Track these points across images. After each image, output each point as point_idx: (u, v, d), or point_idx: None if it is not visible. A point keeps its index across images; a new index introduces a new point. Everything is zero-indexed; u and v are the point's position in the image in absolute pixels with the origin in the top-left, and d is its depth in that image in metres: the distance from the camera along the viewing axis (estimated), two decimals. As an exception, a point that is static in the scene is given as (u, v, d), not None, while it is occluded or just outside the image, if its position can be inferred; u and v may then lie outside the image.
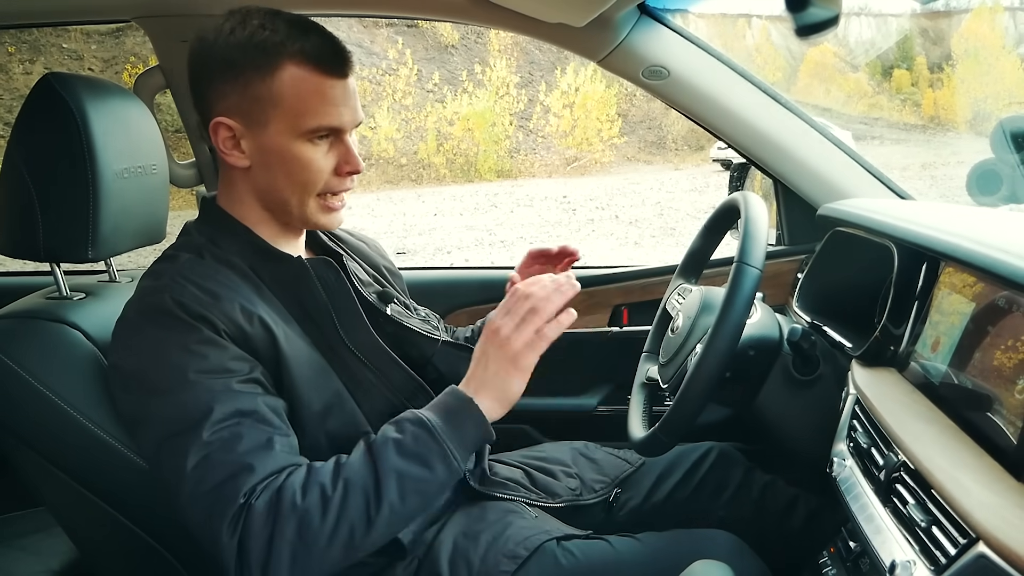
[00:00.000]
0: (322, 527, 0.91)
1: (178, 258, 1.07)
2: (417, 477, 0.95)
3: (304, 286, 1.12)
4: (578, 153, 18.60)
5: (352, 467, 0.95)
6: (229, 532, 0.90)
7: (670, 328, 1.37)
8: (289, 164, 1.07)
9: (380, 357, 1.15)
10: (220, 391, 0.95)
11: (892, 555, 0.85)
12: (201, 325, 0.97)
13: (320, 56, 1.04)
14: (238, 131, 1.06)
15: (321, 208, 1.11)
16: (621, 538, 1.18)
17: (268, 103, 1.04)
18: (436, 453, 0.96)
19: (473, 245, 10.63)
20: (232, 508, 0.90)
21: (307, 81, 1.03)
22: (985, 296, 0.96)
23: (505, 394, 1.01)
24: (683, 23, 1.64)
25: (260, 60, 1.02)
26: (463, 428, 0.99)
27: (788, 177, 1.72)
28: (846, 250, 1.46)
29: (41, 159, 1.13)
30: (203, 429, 0.92)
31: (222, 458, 0.92)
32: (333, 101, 1.05)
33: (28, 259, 1.17)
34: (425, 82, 19.05)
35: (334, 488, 0.93)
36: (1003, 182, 2.03)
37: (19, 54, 16.49)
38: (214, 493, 0.91)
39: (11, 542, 1.59)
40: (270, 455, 0.95)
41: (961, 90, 19.80)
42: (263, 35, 1.03)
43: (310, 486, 0.92)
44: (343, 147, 1.10)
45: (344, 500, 0.92)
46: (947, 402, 0.98)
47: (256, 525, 0.89)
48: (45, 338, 1.11)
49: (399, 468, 0.94)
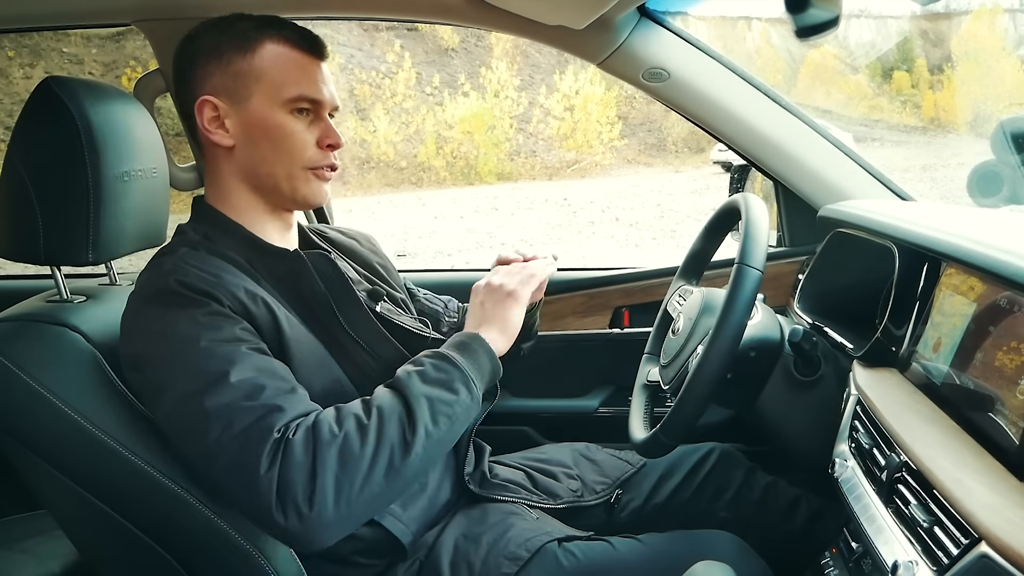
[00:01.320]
0: (363, 451, 0.91)
1: (176, 251, 1.08)
2: (444, 400, 0.98)
3: (302, 279, 1.14)
4: (578, 156, 18.60)
5: (381, 398, 0.98)
6: (267, 465, 0.89)
7: (671, 329, 1.37)
8: (273, 135, 1.11)
9: (379, 342, 1.17)
10: (234, 354, 0.96)
11: (894, 555, 0.85)
12: (207, 300, 0.99)
13: (298, 36, 1.13)
14: (222, 109, 1.11)
15: (309, 177, 1.15)
16: (622, 539, 1.18)
17: (250, 77, 1.10)
18: (458, 378, 1.01)
19: (474, 247, 10.63)
20: (267, 443, 0.90)
21: (287, 55, 1.11)
22: (986, 297, 0.96)
23: (506, 324, 1.11)
24: (683, 25, 1.64)
25: (241, 41, 1.11)
26: (476, 357, 1.05)
27: (788, 179, 1.72)
28: (847, 251, 1.46)
29: (41, 162, 1.13)
30: (225, 385, 0.93)
31: (249, 404, 0.93)
32: (311, 75, 1.13)
33: (28, 262, 1.17)
34: (425, 85, 19.06)
35: (368, 416, 0.95)
36: (1004, 183, 2.03)
37: (19, 58, 16.51)
38: (245, 434, 0.91)
39: (12, 545, 1.59)
40: (296, 398, 0.97)
41: (961, 92, 19.80)
42: (243, 23, 1.12)
43: (344, 417, 0.95)
44: (323, 123, 1.15)
45: (380, 425, 0.94)
46: (949, 402, 0.98)
47: (297, 456, 0.89)
48: (46, 341, 1.11)
49: (427, 393, 0.98)
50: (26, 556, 1.55)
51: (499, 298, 1.13)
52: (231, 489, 0.93)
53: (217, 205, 1.16)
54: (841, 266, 1.48)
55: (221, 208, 1.15)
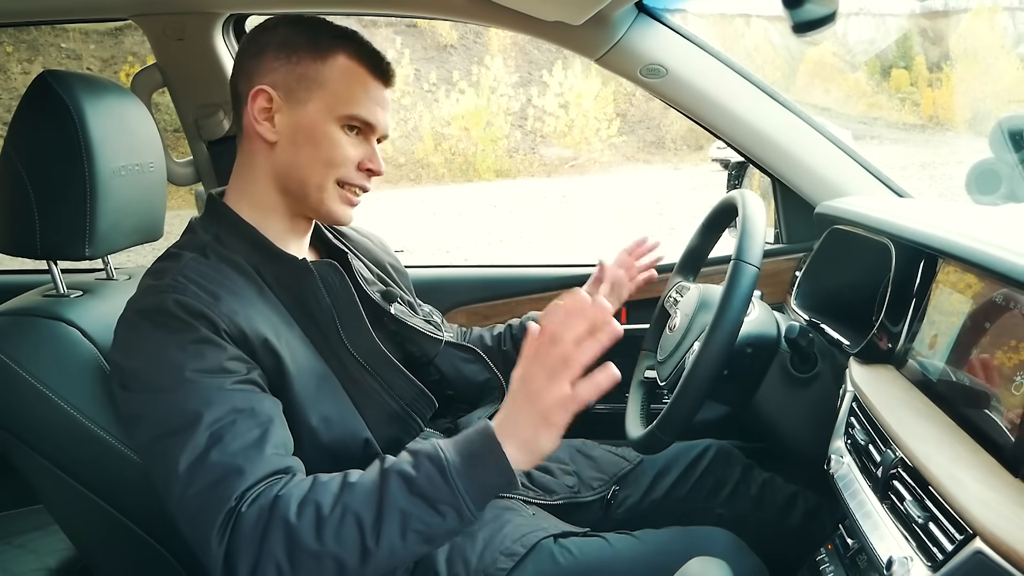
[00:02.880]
0: (313, 548, 0.85)
1: (182, 257, 1.06)
2: (423, 520, 0.87)
3: (307, 289, 1.11)
4: (577, 152, 18.59)
5: (357, 493, 0.89)
6: (218, 538, 0.86)
7: (668, 326, 1.38)
8: (319, 142, 1.10)
9: (382, 362, 1.14)
10: (216, 390, 0.94)
11: (889, 551, 0.85)
12: (200, 324, 0.96)
13: (373, 58, 1.12)
14: (276, 104, 1.09)
15: (339, 197, 1.13)
16: (618, 535, 1.18)
17: (314, 82, 1.09)
18: (447, 500, 0.87)
19: (472, 244, 10.63)
20: (221, 513, 0.87)
21: (357, 73, 1.11)
22: (983, 293, 0.96)
23: (532, 449, 0.89)
24: (681, 22, 1.64)
25: (318, 44, 1.10)
26: (484, 473, 0.88)
27: (786, 175, 1.72)
28: (844, 248, 1.46)
29: (38, 157, 1.13)
30: (196, 429, 0.91)
31: (214, 459, 0.90)
32: (375, 99, 1.12)
33: (25, 257, 1.17)
34: (423, 82, 19.03)
35: (332, 511, 0.87)
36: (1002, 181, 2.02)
37: (17, 53, 16.48)
38: (203, 496, 0.89)
39: (9, 540, 1.59)
40: (261, 457, 0.91)
41: (960, 90, 19.80)
42: (327, 27, 1.12)
43: (306, 504, 0.87)
44: (369, 147, 1.14)
45: (340, 527, 0.86)
46: (944, 399, 0.98)
47: (246, 533, 0.86)
48: (42, 336, 1.11)
49: (404, 508, 0.87)
50: (23, 551, 1.55)
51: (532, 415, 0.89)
52: (190, 537, 0.92)
53: (235, 204, 1.13)
54: (838, 263, 1.48)
55: (238, 207, 1.12)
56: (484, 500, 0.90)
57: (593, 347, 0.89)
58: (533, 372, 0.90)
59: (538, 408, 0.88)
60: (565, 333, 0.89)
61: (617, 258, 1.57)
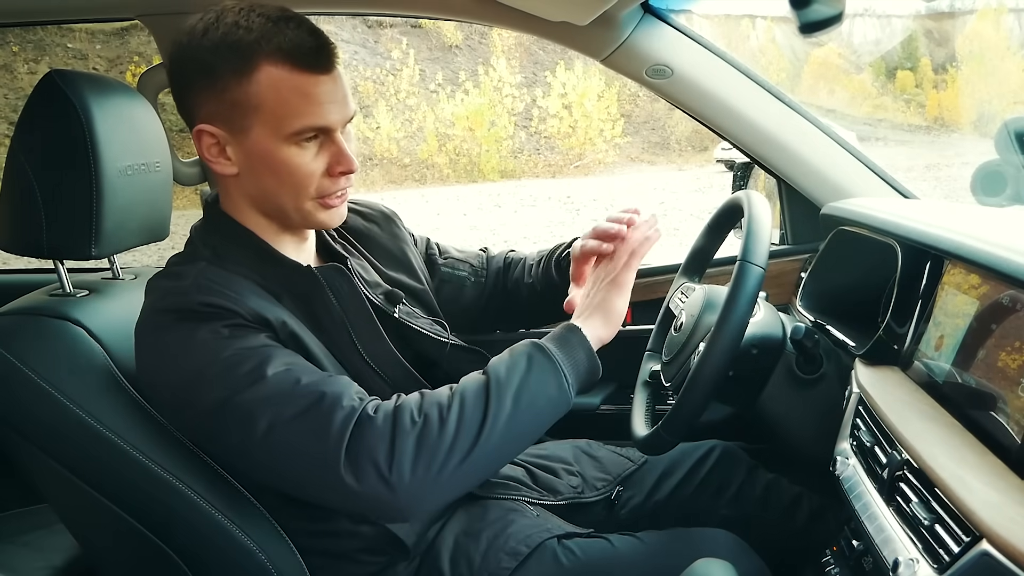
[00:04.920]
0: (439, 436, 0.92)
1: (197, 263, 1.05)
2: (533, 391, 0.98)
3: (317, 298, 1.10)
4: (581, 153, 18.59)
5: (466, 387, 0.98)
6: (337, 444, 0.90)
7: (673, 326, 1.37)
8: (277, 169, 1.02)
9: (395, 368, 1.14)
10: (265, 354, 0.95)
11: (895, 553, 0.85)
12: (229, 315, 0.97)
13: (298, 52, 0.98)
14: (222, 138, 1.03)
15: (319, 207, 1.07)
16: (621, 536, 1.18)
17: (248, 108, 0.99)
18: (550, 372, 1.00)
19: (477, 245, 10.63)
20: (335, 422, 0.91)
21: (286, 80, 0.98)
22: (989, 295, 0.96)
23: (609, 314, 1.09)
24: (687, 23, 1.64)
25: (235, 62, 0.98)
26: (573, 352, 1.03)
27: (792, 176, 1.72)
28: (850, 249, 1.45)
29: (44, 156, 1.13)
30: (261, 380, 0.92)
31: (297, 390, 0.93)
32: (317, 99, 1.00)
33: (31, 256, 1.18)
34: (428, 82, 19.05)
35: (450, 405, 0.95)
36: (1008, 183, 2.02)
37: (24, 53, 16.54)
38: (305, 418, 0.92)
39: (14, 538, 1.59)
40: (339, 383, 0.97)
41: (965, 91, 19.76)
42: (237, 34, 0.98)
43: (425, 404, 0.95)
44: (334, 146, 1.04)
45: (461, 414, 0.94)
46: (951, 401, 0.98)
47: (375, 433, 0.91)
48: (48, 335, 1.11)
49: (515, 382, 0.97)
50: (28, 549, 1.56)
51: (600, 286, 1.12)
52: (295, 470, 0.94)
53: (230, 211, 1.11)
54: (844, 264, 1.48)
55: (234, 214, 1.10)
56: (578, 379, 1.03)
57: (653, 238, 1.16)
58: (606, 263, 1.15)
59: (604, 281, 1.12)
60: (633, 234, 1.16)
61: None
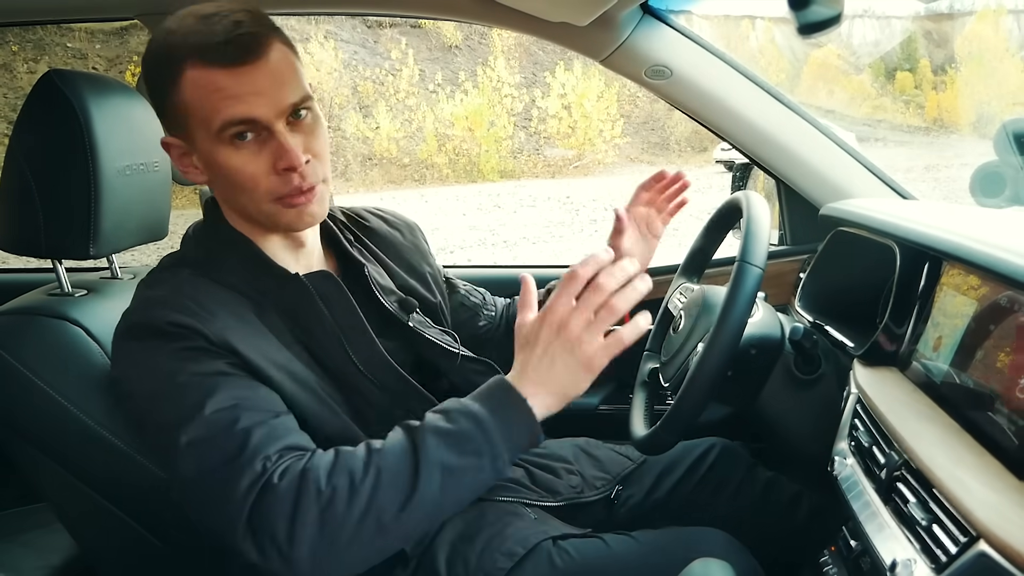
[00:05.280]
0: (348, 512, 0.86)
1: (179, 272, 1.04)
2: (462, 470, 0.89)
3: (307, 307, 1.07)
4: (581, 153, 18.59)
5: (388, 455, 0.89)
6: (239, 510, 0.86)
7: (672, 327, 1.37)
8: (223, 172, 0.99)
9: (391, 376, 1.12)
10: (215, 384, 0.93)
11: (893, 554, 0.85)
12: (192, 335, 0.95)
13: (208, 47, 0.94)
14: (184, 147, 1.02)
15: (281, 208, 1.02)
16: (616, 536, 1.18)
17: (183, 114, 0.98)
18: (485, 450, 0.90)
19: (476, 245, 10.63)
20: (241, 483, 0.86)
21: (204, 78, 0.95)
22: (987, 296, 0.96)
23: (567, 392, 0.93)
24: (687, 24, 1.64)
25: (167, 71, 0.96)
26: (513, 427, 0.91)
27: (791, 177, 1.72)
28: (848, 250, 1.46)
29: (43, 155, 1.13)
30: (200, 417, 0.90)
31: (224, 439, 0.89)
32: (234, 93, 0.95)
33: (30, 255, 1.18)
34: (428, 82, 19.05)
35: (365, 474, 0.88)
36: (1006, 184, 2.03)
37: (23, 53, 16.52)
38: (219, 472, 0.88)
39: (12, 537, 1.59)
40: (274, 433, 0.92)
41: (965, 92, 19.76)
42: (167, 41, 0.97)
43: (337, 471, 0.88)
44: (274, 142, 0.98)
45: (375, 488, 0.87)
46: (949, 401, 0.98)
47: (277, 504, 0.86)
48: (46, 334, 1.12)
49: (443, 460, 0.88)
50: (26, 549, 1.56)
51: (571, 362, 0.92)
52: (207, 520, 0.91)
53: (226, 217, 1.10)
54: (842, 265, 1.48)
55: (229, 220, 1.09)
56: (516, 453, 0.93)
57: (633, 295, 0.93)
58: (573, 317, 0.92)
59: (580, 356, 0.91)
60: (608, 282, 0.92)
61: (635, 197, 1.49)
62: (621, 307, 0.92)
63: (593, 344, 0.91)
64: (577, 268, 0.93)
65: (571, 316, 0.92)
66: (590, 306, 0.92)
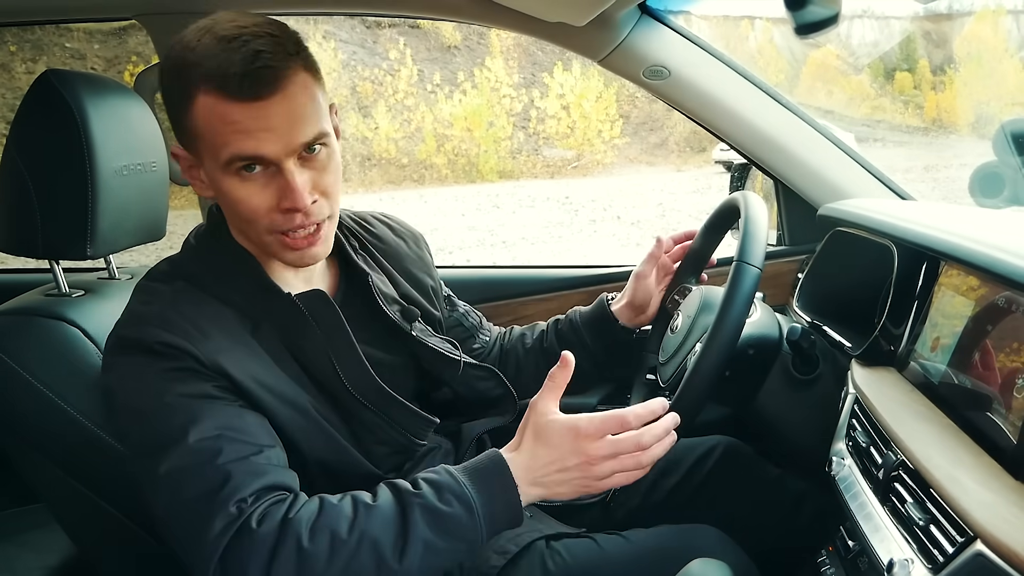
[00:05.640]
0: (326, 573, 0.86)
1: (175, 284, 1.03)
2: (444, 552, 0.90)
3: (299, 327, 1.06)
4: (579, 154, 18.58)
5: (375, 520, 0.89)
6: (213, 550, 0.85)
7: (670, 327, 1.37)
8: (225, 198, 0.99)
9: (380, 397, 1.11)
10: (201, 409, 0.92)
11: (890, 553, 0.85)
12: (182, 356, 0.95)
13: (224, 78, 0.91)
14: (192, 161, 1.01)
15: (282, 245, 1.01)
16: (608, 536, 1.18)
17: (193, 135, 0.96)
18: (469, 537, 0.91)
19: (475, 245, 10.63)
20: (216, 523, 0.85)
21: (216, 108, 0.92)
22: (985, 296, 0.96)
23: (556, 495, 0.97)
24: (685, 24, 1.64)
25: (180, 90, 0.95)
26: (499, 514, 0.93)
27: (789, 177, 1.72)
28: (846, 250, 1.46)
29: (40, 156, 1.13)
30: (183, 445, 0.89)
31: (204, 471, 0.88)
32: (245, 128, 0.93)
33: (27, 256, 1.18)
34: (426, 83, 19.04)
35: (348, 536, 0.87)
36: (1005, 184, 2.03)
37: (21, 53, 16.50)
38: (195, 507, 0.87)
39: (11, 538, 1.59)
40: (256, 468, 0.91)
41: (964, 93, 19.76)
42: (184, 58, 0.94)
43: (320, 528, 0.87)
44: (281, 179, 0.96)
45: (356, 553, 0.86)
46: (946, 402, 0.98)
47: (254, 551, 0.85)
48: (43, 335, 1.12)
49: (428, 539, 0.88)
50: (24, 549, 1.56)
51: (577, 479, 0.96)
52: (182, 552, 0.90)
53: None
54: (840, 265, 1.48)
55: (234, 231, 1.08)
56: (493, 535, 0.94)
57: (661, 452, 0.99)
58: (600, 446, 0.96)
59: (589, 478, 0.96)
60: (650, 442, 0.97)
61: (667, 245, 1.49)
62: (647, 463, 0.98)
63: (610, 480, 0.97)
64: (630, 419, 0.98)
65: (602, 457, 0.96)
66: (623, 447, 0.96)
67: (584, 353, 1.42)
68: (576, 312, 1.48)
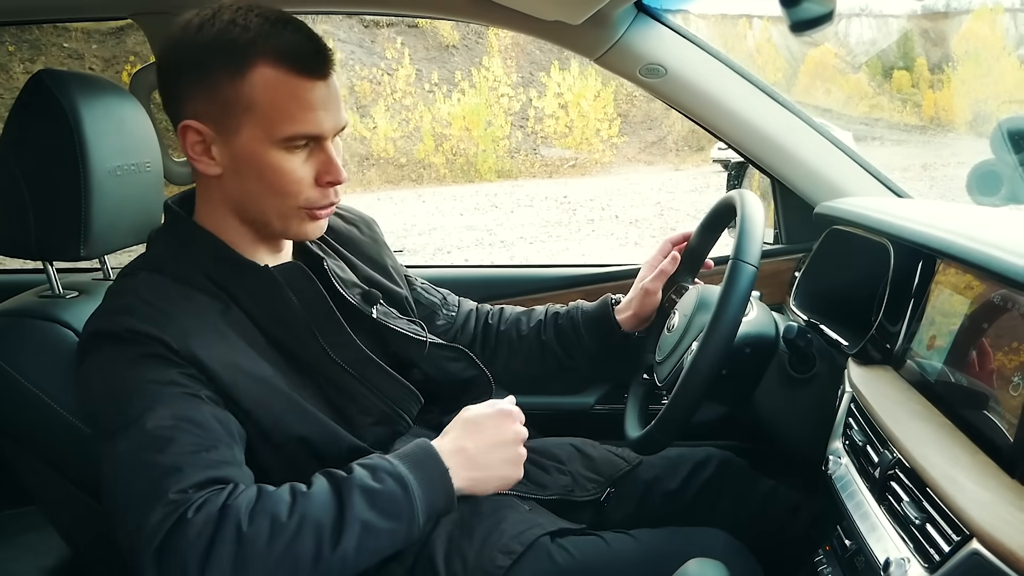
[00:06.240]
0: (265, 556, 0.84)
1: (137, 275, 1.04)
2: (380, 532, 0.90)
3: (278, 299, 1.06)
4: (578, 153, 18.59)
5: (313, 503, 0.89)
6: (149, 539, 0.83)
7: (666, 326, 1.37)
8: (264, 174, 1.00)
9: (365, 365, 1.11)
10: (160, 397, 0.92)
11: (887, 553, 0.85)
12: (151, 343, 0.95)
13: (297, 55, 0.96)
14: (208, 136, 1.00)
15: (305, 218, 1.05)
16: (615, 535, 1.17)
17: (240, 108, 0.97)
18: (406, 515, 0.92)
19: (473, 245, 10.64)
20: (155, 512, 0.84)
21: (282, 84, 0.96)
22: (982, 294, 0.96)
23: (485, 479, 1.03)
24: (683, 23, 1.64)
25: (229, 60, 0.96)
26: (436, 496, 0.95)
27: (786, 176, 1.72)
28: (843, 248, 1.45)
29: (33, 156, 1.13)
30: (136, 430, 0.89)
31: (151, 459, 0.88)
32: (312, 106, 0.98)
33: (20, 257, 1.17)
34: (424, 82, 19.04)
35: (288, 518, 0.86)
36: (1003, 182, 2.03)
37: (19, 53, 16.51)
38: (137, 494, 0.87)
39: (6, 540, 1.59)
40: (203, 462, 0.89)
41: (961, 91, 19.80)
42: (233, 32, 0.96)
43: (259, 512, 0.86)
44: (323, 155, 1.02)
45: (296, 535, 0.86)
46: (942, 400, 0.98)
47: (189, 540, 0.83)
48: (36, 337, 1.11)
49: (365, 519, 0.89)
50: (20, 551, 1.55)
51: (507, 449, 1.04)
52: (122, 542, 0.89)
53: (200, 215, 1.09)
54: (837, 263, 1.48)
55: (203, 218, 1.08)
56: (431, 520, 0.97)
57: None
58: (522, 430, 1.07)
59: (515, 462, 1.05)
60: None
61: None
62: None
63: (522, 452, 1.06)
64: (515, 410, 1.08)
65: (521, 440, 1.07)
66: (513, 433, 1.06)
67: (581, 352, 1.42)
68: (578, 309, 1.47)
